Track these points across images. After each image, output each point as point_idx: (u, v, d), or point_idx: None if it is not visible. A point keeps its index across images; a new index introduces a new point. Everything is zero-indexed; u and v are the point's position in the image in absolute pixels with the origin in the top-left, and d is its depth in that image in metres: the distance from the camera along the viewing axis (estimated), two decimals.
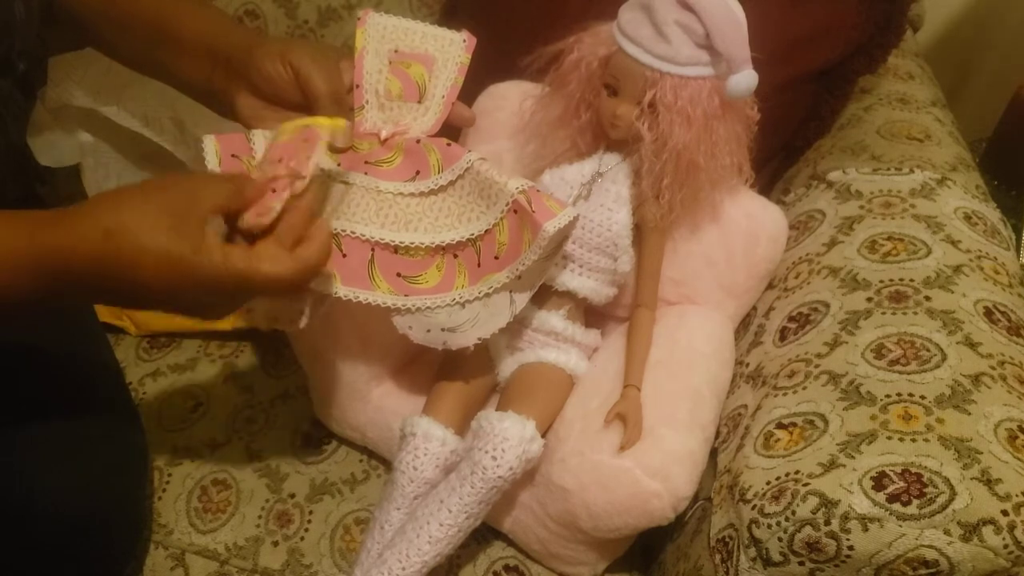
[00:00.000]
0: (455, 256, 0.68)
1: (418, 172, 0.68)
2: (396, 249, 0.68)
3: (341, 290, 0.68)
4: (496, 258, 0.66)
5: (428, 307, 0.68)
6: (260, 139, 0.68)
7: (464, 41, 0.69)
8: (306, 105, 0.67)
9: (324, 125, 0.64)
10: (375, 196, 0.68)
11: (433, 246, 0.67)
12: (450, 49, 0.69)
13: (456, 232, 0.67)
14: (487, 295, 0.67)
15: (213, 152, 0.69)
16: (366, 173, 0.68)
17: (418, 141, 0.68)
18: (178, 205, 0.53)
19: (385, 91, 0.69)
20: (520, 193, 0.64)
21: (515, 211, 0.65)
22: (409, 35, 0.69)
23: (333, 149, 0.69)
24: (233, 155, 0.70)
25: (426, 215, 0.68)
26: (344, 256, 0.68)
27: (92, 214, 0.52)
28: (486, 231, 0.66)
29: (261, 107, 0.68)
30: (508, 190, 0.64)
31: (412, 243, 0.67)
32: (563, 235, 0.66)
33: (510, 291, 0.68)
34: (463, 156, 0.67)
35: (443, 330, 0.68)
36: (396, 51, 0.69)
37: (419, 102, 0.69)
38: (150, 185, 0.55)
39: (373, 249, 0.68)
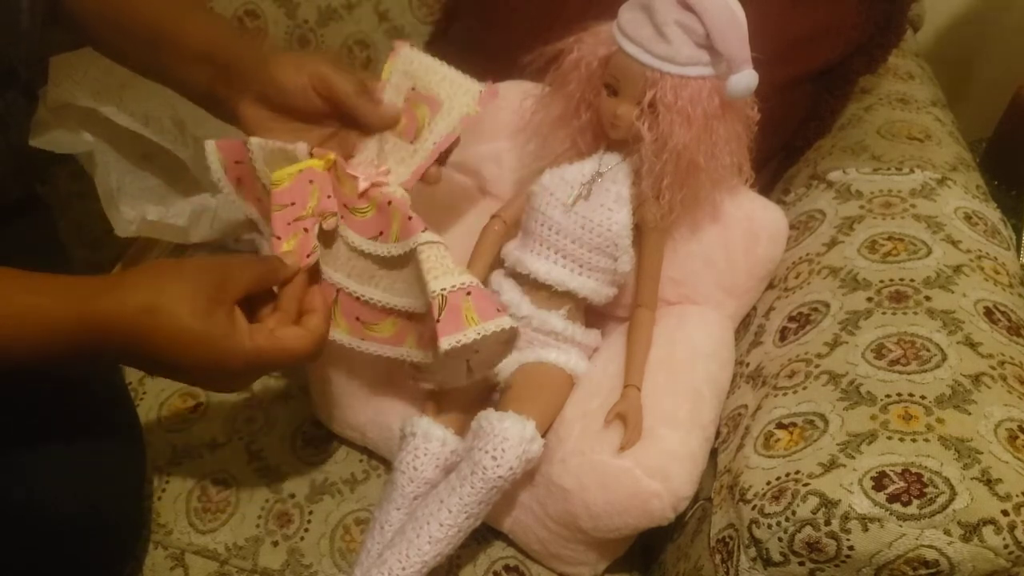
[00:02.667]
0: (409, 319, 0.68)
1: (381, 233, 0.68)
2: (358, 298, 0.70)
3: None
4: (431, 339, 0.64)
5: (380, 354, 0.70)
6: (257, 147, 0.68)
7: (480, 92, 0.69)
8: (319, 114, 0.68)
9: (318, 165, 0.67)
10: (345, 244, 0.69)
11: (389, 307, 0.69)
12: (462, 98, 0.69)
13: (405, 300, 0.68)
14: (436, 359, 0.66)
15: (216, 160, 0.70)
16: (342, 218, 0.69)
17: (389, 203, 0.67)
18: (213, 289, 0.56)
19: None
20: (435, 297, 0.62)
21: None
22: (430, 75, 0.70)
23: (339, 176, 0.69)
24: (237, 161, 0.70)
25: (384, 277, 0.69)
26: None
27: (133, 290, 0.55)
28: (427, 310, 0.64)
29: (267, 117, 0.68)
30: (428, 290, 0.62)
31: (371, 299, 0.69)
32: (503, 338, 0.64)
33: (467, 360, 0.68)
34: (414, 235, 0.65)
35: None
36: (413, 88, 0.70)
37: (412, 143, 0.69)
38: (188, 267, 0.59)
39: (338, 292, 0.70)
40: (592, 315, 0.80)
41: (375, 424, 0.80)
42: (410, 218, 0.66)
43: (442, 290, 0.62)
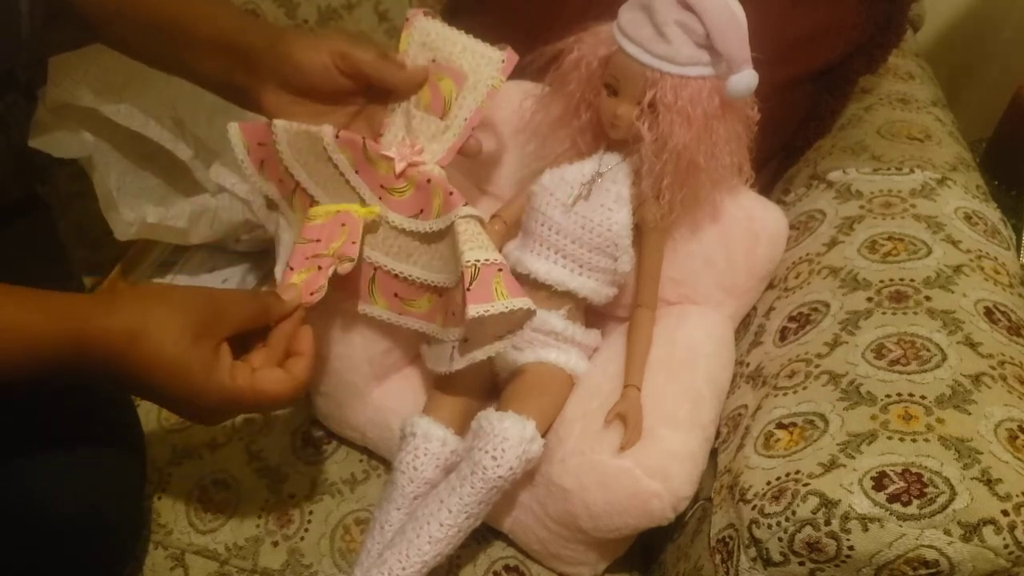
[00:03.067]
0: (440, 295, 0.70)
1: (422, 211, 0.69)
2: (396, 275, 0.71)
3: (342, 301, 0.73)
4: (453, 314, 0.67)
5: (417, 329, 0.72)
6: (281, 130, 0.69)
7: (502, 61, 0.69)
8: (342, 92, 0.68)
9: (360, 212, 0.68)
10: (383, 224, 0.70)
11: (427, 283, 0.70)
12: (485, 69, 0.69)
13: (442, 276, 0.69)
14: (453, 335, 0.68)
15: (240, 142, 0.71)
16: (380, 198, 0.70)
17: (429, 181, 0.68)
18: (202, 323, 0.56)
19: (415, 99, 0.70)
20: (468, 266, 0.63)
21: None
22: (449, 45, 0.69)
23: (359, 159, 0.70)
24: (260, 143, 0.70)
25: (423, 254, 0.70)
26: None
27: (121, 313, 0.55)
28: (457, 284, 0.66)
29: (289, 101, 0.68)
30: (461, 260, 0.63)
31: (410, 275, 0.70)
32: (515, 320, 0.64)
33: (452, 346, 0.69)
34: (454, 209, 0.66)
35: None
36: (433, 60, 0.69)
37: (441, 118, 0.69)
38: (181, 296, 0.58)
39: (376, 270, 0.71)
40: (592, 315, 0.80)
41: (375, 424, 0.80)
42: (451, 193, 0.67)
43: (476, 261, 0.63)
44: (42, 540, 0.66)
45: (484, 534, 0.76)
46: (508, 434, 0.67)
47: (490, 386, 0.78)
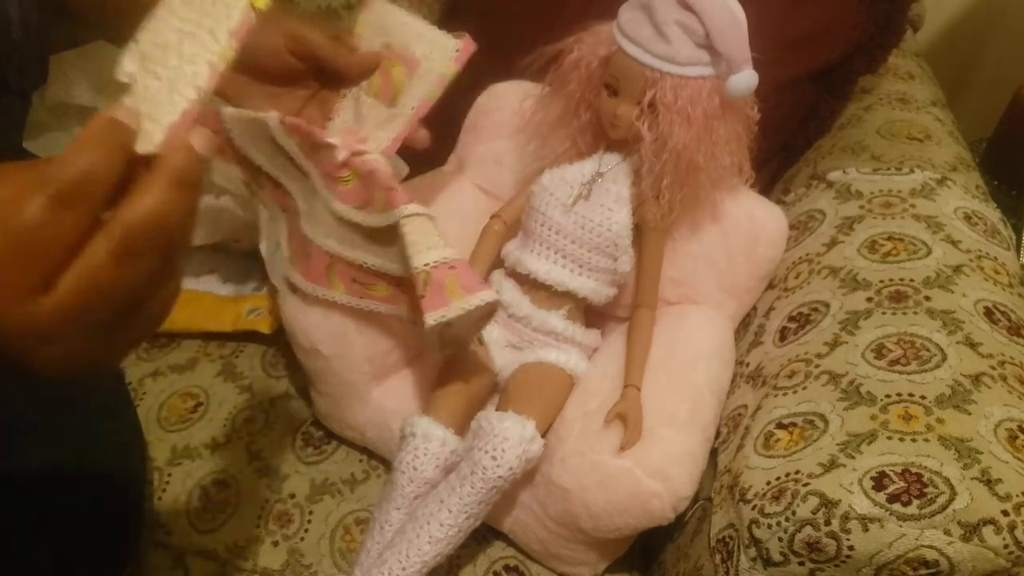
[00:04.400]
0: (398, 285, 0.69)
1: (366, 203, 0.67)
2: (351, 263, 0.70)
3: (306, 285, 0.73)
4: (417, 309, 0.65)
5: (380, 312, 0.71)
6: (230, 119, 0.66)
7: (456, 50, 0.66)
8: (295, 75, 0.67)
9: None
10: (331, 213, 0.68)
11: (381, 271, 0.69)
12: (438, 57, 0.66)
13: (396, 266, 0.67)
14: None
15: None
16: (327, 187, 0.68)
17: (371, 172, 0.65)
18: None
19: (367, 84, 0.68)
20: (419, 272, 0.61)
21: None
22: (404, 31, 0.67)
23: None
24: (214, 131, 0.69)
25: (373, 244, 0.68)
26: (309, 256, 0.71)
27: None
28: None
29: (243, 82, 0.66)
30: (411, 264, 0.61)
31: (364, 263, 0.69)
32: (482, 311, 0.62)
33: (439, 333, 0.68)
34: (398, 208, 0.63)
35: None
36: (388, 46, 0.67)
37: (389, 106, 0.68)
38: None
39: (332, 257, 0.70)
40: (592, 315, 0.80)
41: (375, 424, 0.80)
42: (392, 189, 0.63)
43: (425, 265, 0.61)
44: (42, 540, 0.66)
45: (484, 534, 0.76)
46: (508, 434, 0.67)
47: (490, 386, 0.78)
